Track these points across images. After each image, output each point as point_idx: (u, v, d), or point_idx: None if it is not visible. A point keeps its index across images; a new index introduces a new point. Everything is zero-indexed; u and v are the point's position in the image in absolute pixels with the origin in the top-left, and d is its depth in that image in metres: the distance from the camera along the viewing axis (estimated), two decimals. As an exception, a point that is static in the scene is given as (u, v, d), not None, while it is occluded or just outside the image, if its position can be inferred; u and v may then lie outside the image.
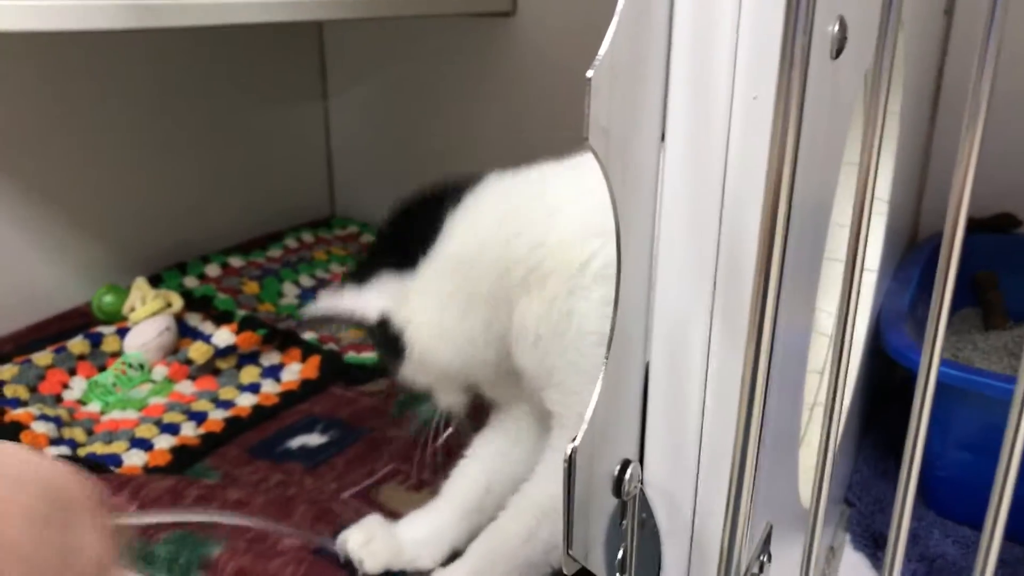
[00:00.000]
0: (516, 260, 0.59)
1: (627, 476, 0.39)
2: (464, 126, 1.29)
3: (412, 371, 0.65)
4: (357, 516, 0.70)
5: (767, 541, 0.44)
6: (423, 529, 0.68)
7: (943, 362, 0.70)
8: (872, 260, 0.71)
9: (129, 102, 1.11)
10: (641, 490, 0.41)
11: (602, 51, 0.31)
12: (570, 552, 0.36)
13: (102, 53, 1.06)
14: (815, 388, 0.65)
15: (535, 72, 1.21)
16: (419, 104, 1.32)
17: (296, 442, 0.86)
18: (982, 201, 0.95)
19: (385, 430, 0.88)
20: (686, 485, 0.41)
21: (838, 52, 0.37)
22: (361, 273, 0.66)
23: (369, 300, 0.65)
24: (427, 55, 1.29)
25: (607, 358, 0.36)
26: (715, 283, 0.38)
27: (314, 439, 0.87)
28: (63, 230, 1.06)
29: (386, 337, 0.64)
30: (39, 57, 1.00)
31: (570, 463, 0.35)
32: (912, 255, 0.89)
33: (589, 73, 0.29)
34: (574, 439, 0.35)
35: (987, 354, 0.86)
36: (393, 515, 0.70)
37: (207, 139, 1.21)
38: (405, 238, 0.65)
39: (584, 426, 0.35)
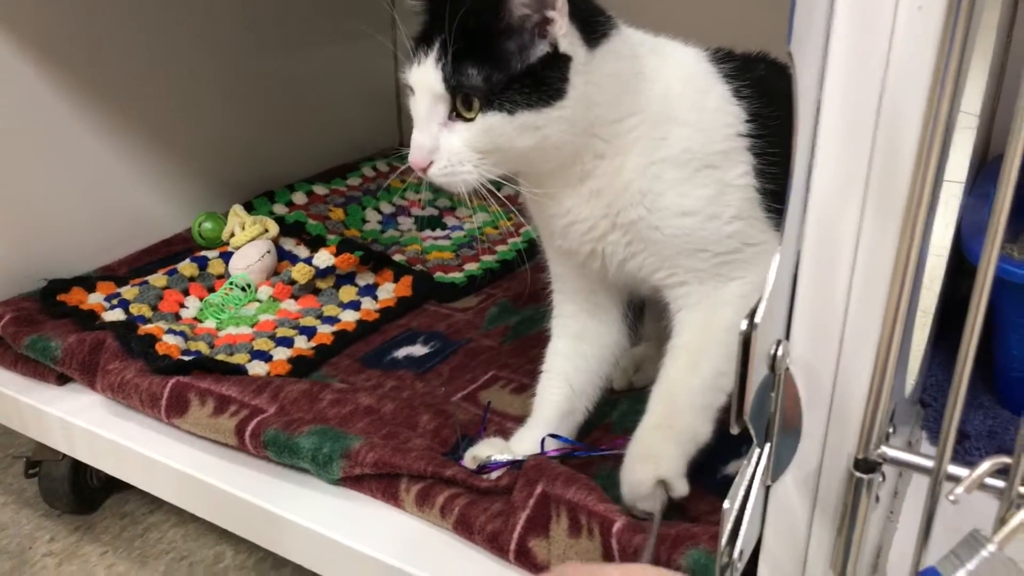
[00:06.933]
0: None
1: (779, 353, 0.44)
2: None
3: (544, 120, 0.65)
4: (472, 417, 0.76)
5: (892, 416, 0.49)
6: (531, 443, 0.73)
7: (1020, 265, 0.75)
8: (960, 172, 0.75)
9: (219, 48, 1.17)
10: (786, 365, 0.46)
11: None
12: (742, 416, 0.42)
13: (198, 7, 1.12)
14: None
15: None
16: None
17: (401, 352, 0.93)
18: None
19: (480, 341, 0.95)
20: (828, 362, 0.46)
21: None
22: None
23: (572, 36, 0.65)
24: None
25: (780, 248, 0.41)
26: (867, 184, 0.42)
27: (418, 349, 0.93)
28: (163, 162, 1.11)
29: (556, 75, 0.65)
30: (145, 10, 1.06)
31: (747, 339, 0.40)
32: (986, 172, 0.92)
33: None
34: (752, 316, 0.40)
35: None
36: (499, 415, 0.77)
37: (285, 75, 1.26)
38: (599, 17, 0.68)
39: (763, 306, 0.40)
